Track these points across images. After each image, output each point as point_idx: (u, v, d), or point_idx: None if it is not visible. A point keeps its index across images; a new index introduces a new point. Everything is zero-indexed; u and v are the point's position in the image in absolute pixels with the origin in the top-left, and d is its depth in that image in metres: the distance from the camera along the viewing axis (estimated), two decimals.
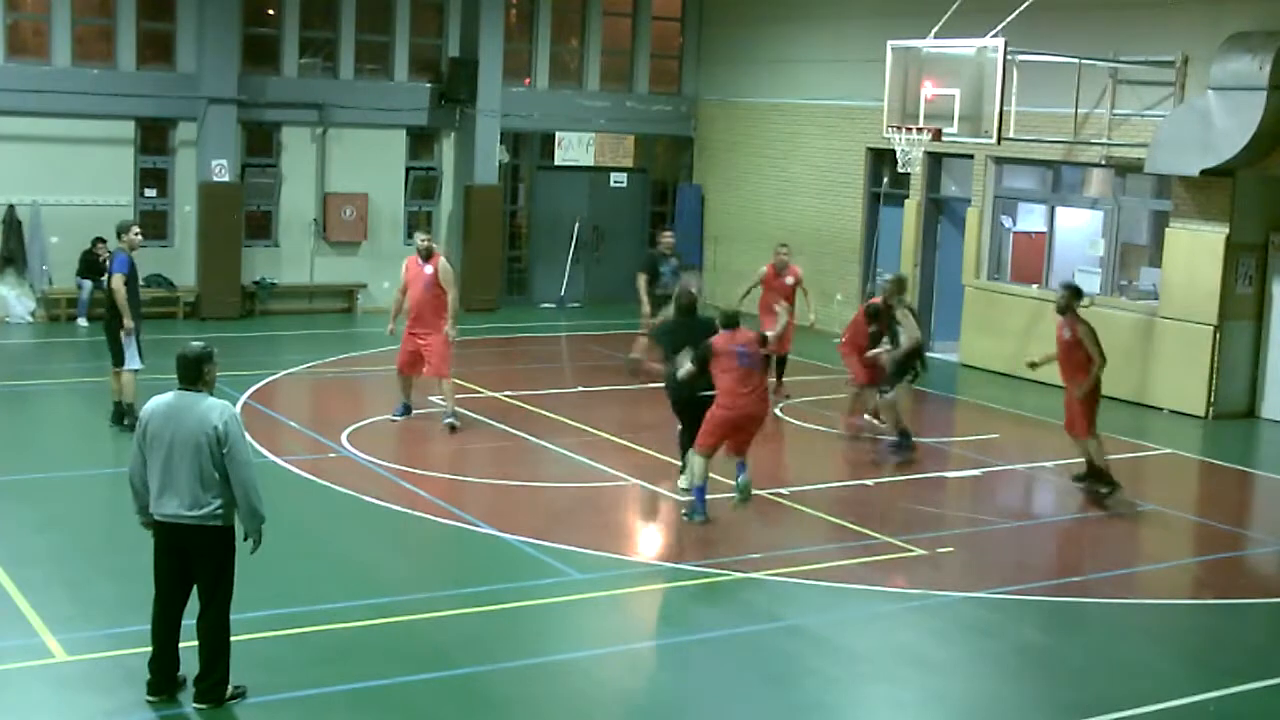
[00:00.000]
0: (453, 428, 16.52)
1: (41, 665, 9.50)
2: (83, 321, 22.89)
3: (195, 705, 8.85)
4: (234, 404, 17.06)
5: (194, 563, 8.82)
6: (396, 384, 17.04)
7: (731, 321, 13.26)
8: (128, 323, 15.49)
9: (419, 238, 16.88)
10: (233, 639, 9.01)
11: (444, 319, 16.48)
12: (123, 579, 11.29)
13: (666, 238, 20.37)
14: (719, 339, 13.14)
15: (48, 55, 23.29)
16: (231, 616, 9.00)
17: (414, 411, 17.01)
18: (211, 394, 8.83)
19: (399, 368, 16.91)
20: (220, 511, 8.69)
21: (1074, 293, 15.26)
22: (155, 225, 24.39)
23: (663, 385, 14.36)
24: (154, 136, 24.29)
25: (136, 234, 15.91)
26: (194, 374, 8.75)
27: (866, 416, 17.40)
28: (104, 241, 23.05)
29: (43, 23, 23.39)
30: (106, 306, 15.80)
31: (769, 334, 14.28)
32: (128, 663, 9.49)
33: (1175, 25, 19.61)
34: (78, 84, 23.23)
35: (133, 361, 15.72)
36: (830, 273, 24.86)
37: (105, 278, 16.05)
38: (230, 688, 8.94)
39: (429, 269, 16.49)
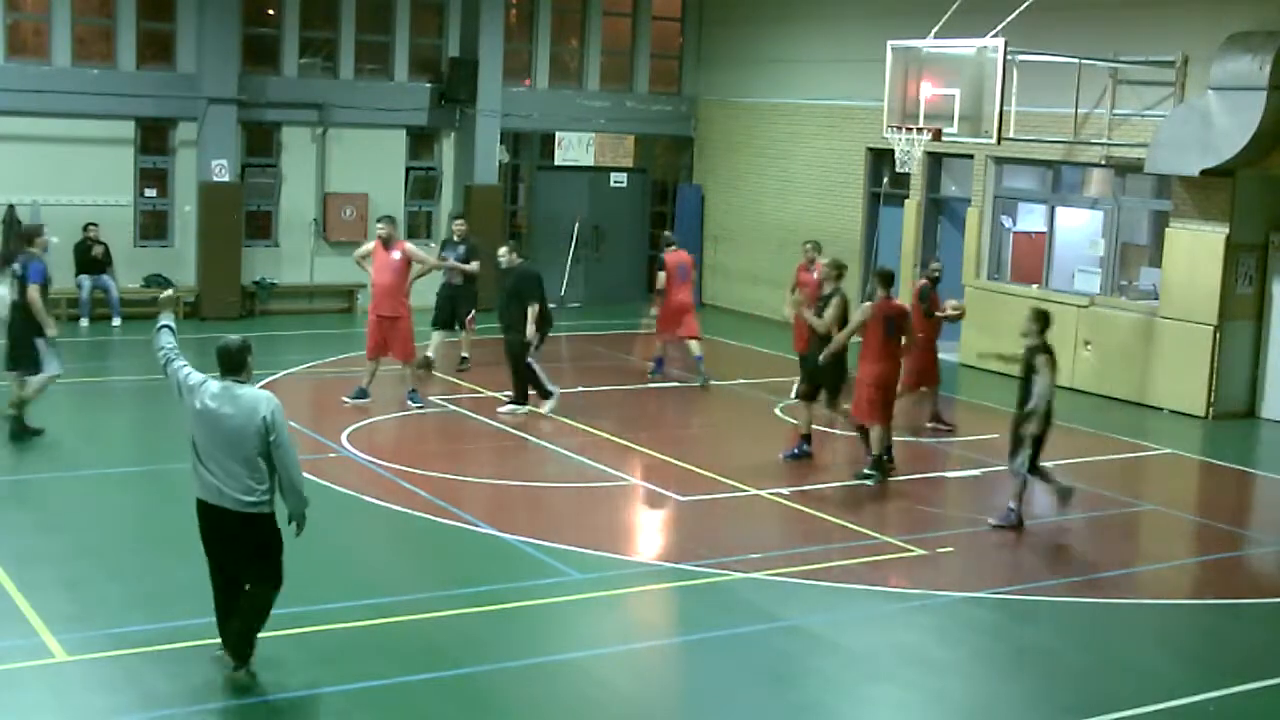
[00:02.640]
0: (416, 401, 17.53)
1: (42, 665, 9.49)
2: (84, 322, 22.88)
3: (223, 652, 9.27)
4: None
5: (240, 548, 9.14)
6: (366, 369, 17.94)
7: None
8: (50, 331, 15.43)
9: (379, 226, 17.87)
10: None
11: (405, 303, 17.64)
12: (123, 579, 11.31)
13: (458, 225, 20.77)
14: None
15: (48, 55, 23.30)
16: None
17: (421, 406, 17.57)
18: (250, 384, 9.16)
19: (369, 355, 17.84)
20: (266, 498, 9.07)
21: (882, 278, 15.41)
22: (155, 225, 24.44)
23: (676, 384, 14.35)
24: (154, 136, 24.29)
25: (46, 239, 16.13)
26: (238, 364, 9.17)
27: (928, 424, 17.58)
28: (96, 226, 23.10)
29: (43, 23, 23.39)
30: (19, 314, 15.53)
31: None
32: (128, 663, 9.50)
33: (1175, 25, 19.62)
34: (78, 84, 23.23)
35: (51, 367, 15.57)
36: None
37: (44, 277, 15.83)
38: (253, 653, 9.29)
39: (395, 255, 17.51)
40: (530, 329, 17.36)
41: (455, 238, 20.37)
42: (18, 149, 22.99)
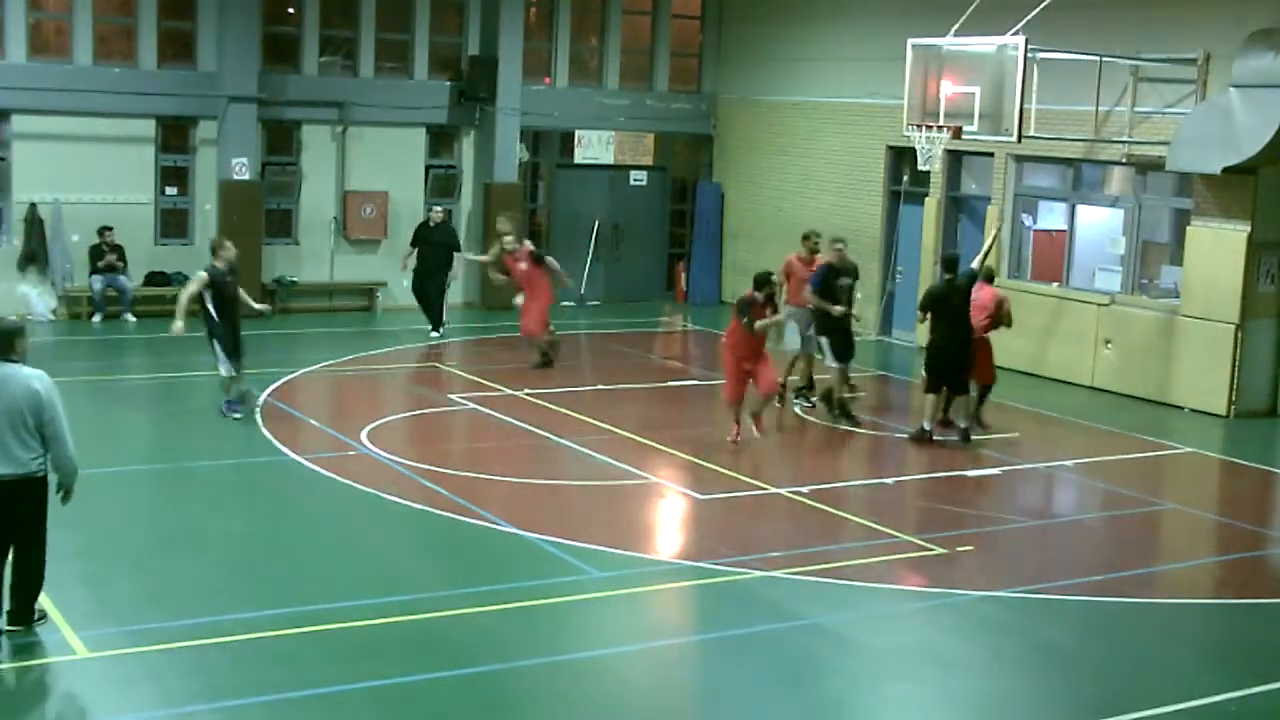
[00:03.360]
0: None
1: (64, 662, 9.54)
2: (97, 319, 22.97)
3: (6, 628, 9.78)
4: (257, 400, 17.25)
5: (15, 513, 9.71)
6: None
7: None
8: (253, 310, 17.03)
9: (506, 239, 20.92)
10: (253, 636, 9.08)
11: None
12: (142, 576, 11.35)
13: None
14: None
15: (69, 54, 23.37)
16: (248, 614, 9.04)
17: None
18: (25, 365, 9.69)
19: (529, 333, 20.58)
20: (40, 464, 9.69)
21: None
22: (176, 223, 24.50)
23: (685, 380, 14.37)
24: (175, 135, 24.35)
25: (228, 253, 16.71)
26: (7, 347, 9.65)
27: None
28: (111, 230, 23.19)
29: (64, 22, 23.46)
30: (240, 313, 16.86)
31: None
32: (149, 660, 9.54)
33: (1197, 22, 19.54)
34: (99, 83, 23.31)
35: (223, 368, 16.64)
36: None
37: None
38: (36, 613, 9.95)
39: (523, 265, 20.62)
40: (453, 272, 22.75)
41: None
42: (40, 147, 23.07)
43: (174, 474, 14.67)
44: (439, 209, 23.64)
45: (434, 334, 22.64)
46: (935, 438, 16.78)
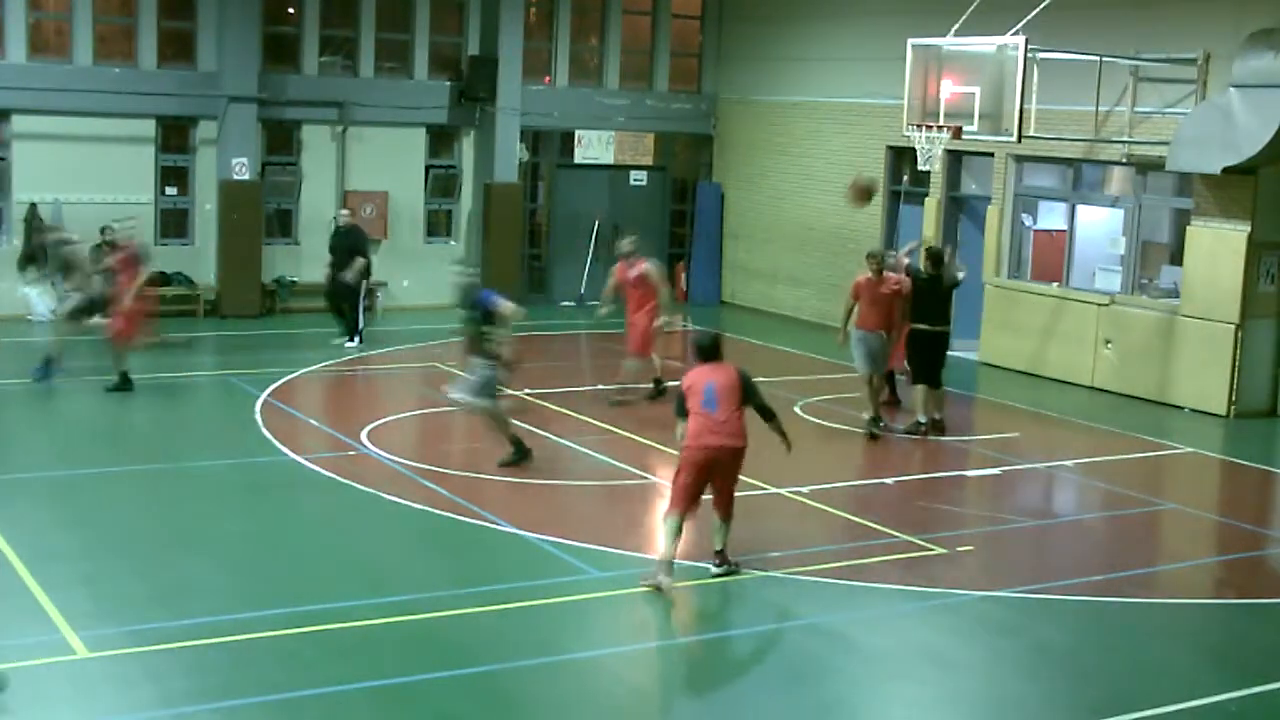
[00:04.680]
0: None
1: (63, 662, 9.53)
2: (98, 319, 22.92)
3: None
4: (254, 402, 17.23)
5: None
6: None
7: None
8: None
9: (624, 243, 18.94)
10: (253, 636, 9.07)
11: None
12: (143, 576, 11.35)
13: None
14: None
15: (69, 54, 23.37)
16: (248, 614, 9.04)
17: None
18: None
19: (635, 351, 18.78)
20: None
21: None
22: (176, 223, 24.50)
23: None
24: (175, 135, 24.36)
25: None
26: None
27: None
28: (113, 230, 23.14)
29: (64, 22, 23.46)
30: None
31: None
32: (149, 660, 9.54)
33: (1197, 22, 19.54)
34: (99, 82, 23.31)
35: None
36: (849, 272, 24.72)
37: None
38: None
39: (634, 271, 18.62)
40: (355, 274, 21.49)
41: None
42: (40, 147, 23.09)
43: (174, 474, 14.67)
44: (345, 212, 23.04)
45: (349, 343, 21.61)
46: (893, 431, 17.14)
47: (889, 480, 15.35)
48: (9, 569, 11.19)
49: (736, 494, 11.82)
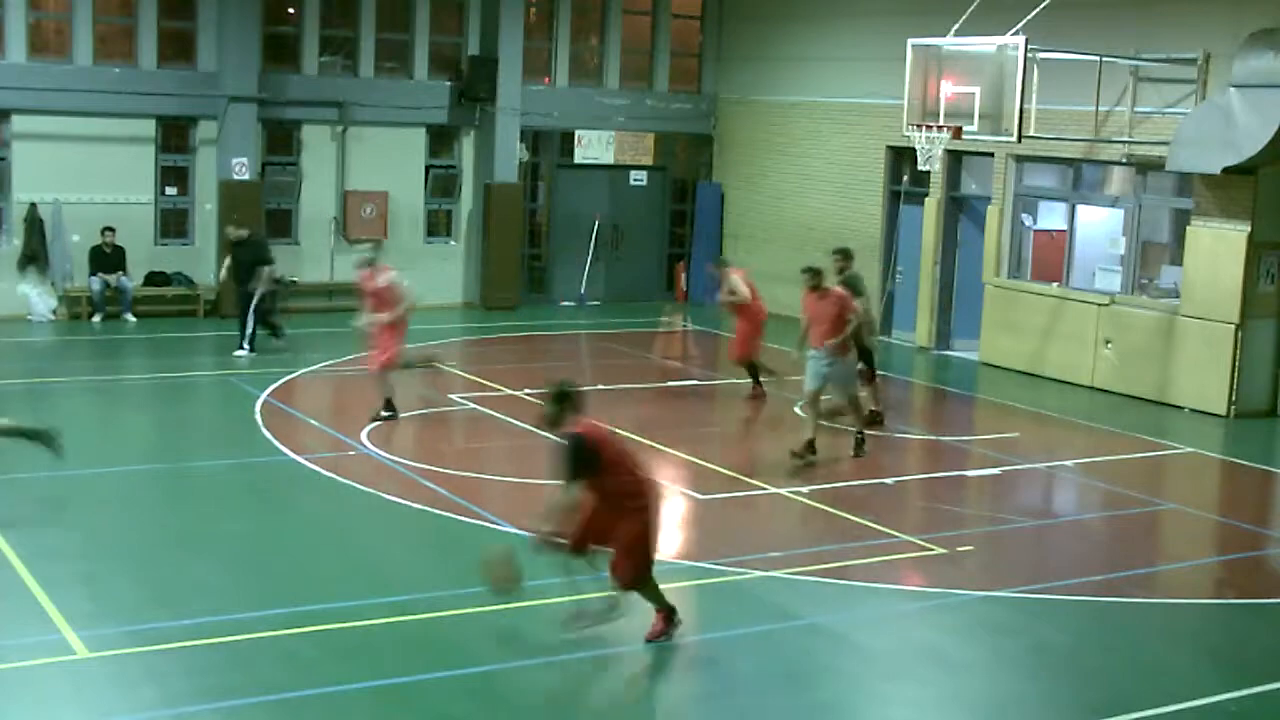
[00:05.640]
0: None
1: (63, 661, 9.53)
2: (97, 319, 22.96)
3: None
4: (254, 402, 17.23)
5: None
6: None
7: None
8: None
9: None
10: (253, 636, 9.08)
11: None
12: (142, 576, 11.35)
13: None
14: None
15: (69, 54, 23.36)
16: (248, 614, 9.03)
17: None
18: None
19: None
20: None
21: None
22: (176, 223, 24.50)
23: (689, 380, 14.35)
24: (175, 135, 24.36)
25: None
26: None
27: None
28: (113, 230, 23.21)
29: (64, 22, 23.46)
30: None
31: None
32: (149, 660, 9.53)
33: (1197, 22, 19.54)
34: (99, 83, 23.30)
35: None
36: None
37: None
38: None
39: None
40: (261, 283, 20.69)
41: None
42: (40, 147, 23.08)
43: (174, 474, 14.67)
44: (242, 231, 21.18)
45: (238, 351, 20.59)
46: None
47: (889, 480, 15.35)
48: (9, 569, 11.19)
49: (737, 494, 11.79)
